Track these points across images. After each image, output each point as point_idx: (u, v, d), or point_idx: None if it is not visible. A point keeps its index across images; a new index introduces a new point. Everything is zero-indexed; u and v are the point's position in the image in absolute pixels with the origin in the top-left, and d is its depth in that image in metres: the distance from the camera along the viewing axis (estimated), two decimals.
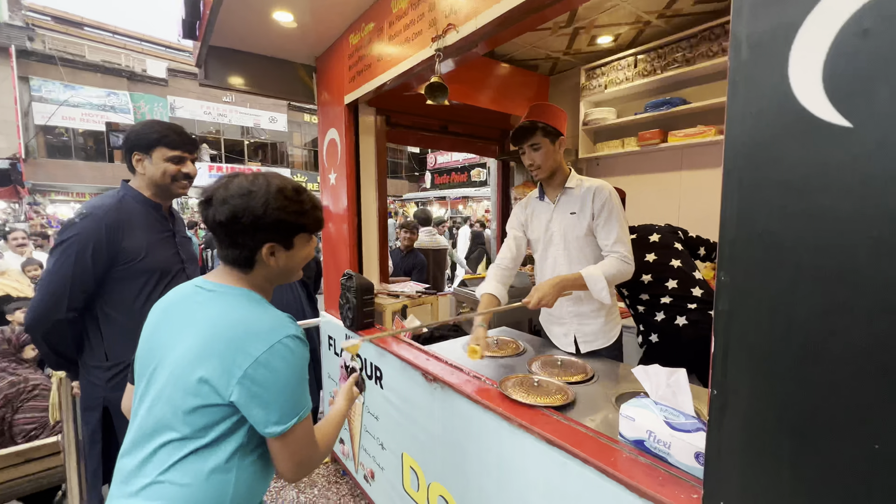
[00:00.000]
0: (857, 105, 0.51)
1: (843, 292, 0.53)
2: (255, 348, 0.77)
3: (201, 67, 2.28)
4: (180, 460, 0.78)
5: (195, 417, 0.78)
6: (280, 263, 0.88)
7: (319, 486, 2.23)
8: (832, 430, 0.55)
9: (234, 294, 0.85)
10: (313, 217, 0.91)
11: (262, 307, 0.85)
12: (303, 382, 0.82)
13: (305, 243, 0.92)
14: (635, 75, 2.49)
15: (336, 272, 2.31)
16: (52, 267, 1.30)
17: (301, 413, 0.81)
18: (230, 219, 0.81)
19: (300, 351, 0.82)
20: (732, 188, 0.63)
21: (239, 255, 0.85)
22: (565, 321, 1.63)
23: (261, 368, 0.76)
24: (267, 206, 0.82)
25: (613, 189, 1.53)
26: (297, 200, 0.87)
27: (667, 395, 0.90)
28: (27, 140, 12.39)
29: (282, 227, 0.85)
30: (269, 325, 0.80)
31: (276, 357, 0.77)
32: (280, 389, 0.78)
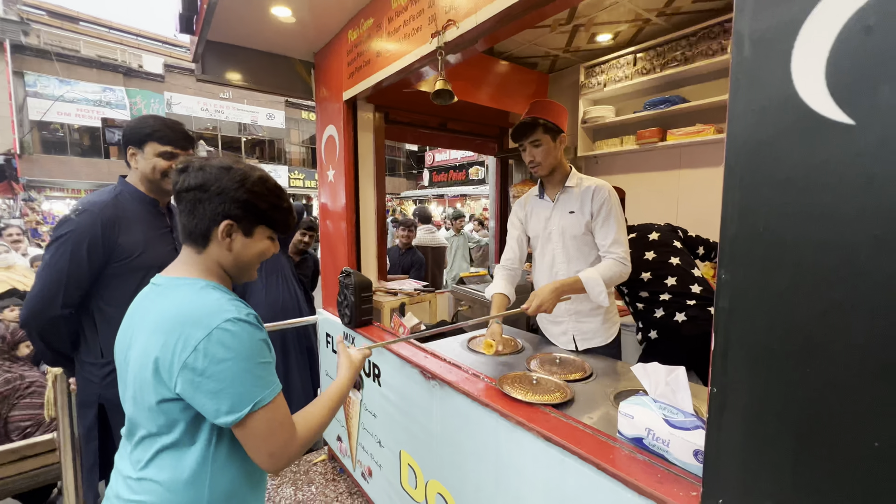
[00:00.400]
0: (860, 102, 0.51)
1: (844, 290, 0.53)
2: (193, 337, 0.74)
3: (198, 63, 2.26)
4: (154, 456, 0.79)
5: (158, 413, 0.77)
6: (234, 248, 0.85)
7: (317, 484, 2.23)
8: (832, 428, 0.55)
9: (181, 284, 0.83)
10: (283, 216, 0.88)
11: (205, 293, 0.80)
12: (255, 367, 0.77)
13: (265, 238, 0.88)
14: (634, 73, 2.48)
15: (334, 270, 2.31)
16: (47, 263, 1.29)
17: (258, 399, 0.76)
18: (199, 185, 0.80)
19: (245, 334, 0.77)
20: (734, 186, 0.62)
21: (195, 227, 0.82)
22: (562, 320, 1.64)
23: (200, 357, 0.73)
24: (242, 183, 0.81)
25: (613, 189, 1.53)
26: (274, 194, 0.86)
27: (666, 392, 0.90)
28: (22, 136, 12.29)
29: (247, 208, 0.83)
30: (208, 311, 0.76)
31: (214, 344, 0.73)
32: (225, 377, 0.74)
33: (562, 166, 1.57)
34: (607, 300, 1.45)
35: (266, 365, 0.80)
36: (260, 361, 0.78)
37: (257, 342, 0.79)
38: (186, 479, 0.78)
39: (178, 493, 0.78)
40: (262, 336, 0.81)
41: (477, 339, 1.73)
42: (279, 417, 0.79)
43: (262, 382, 0.77)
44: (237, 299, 0.84)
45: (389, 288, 2.41)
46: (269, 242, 0.90)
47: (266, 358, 0.80)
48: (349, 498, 2.11)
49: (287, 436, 0.80)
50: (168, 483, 0.78)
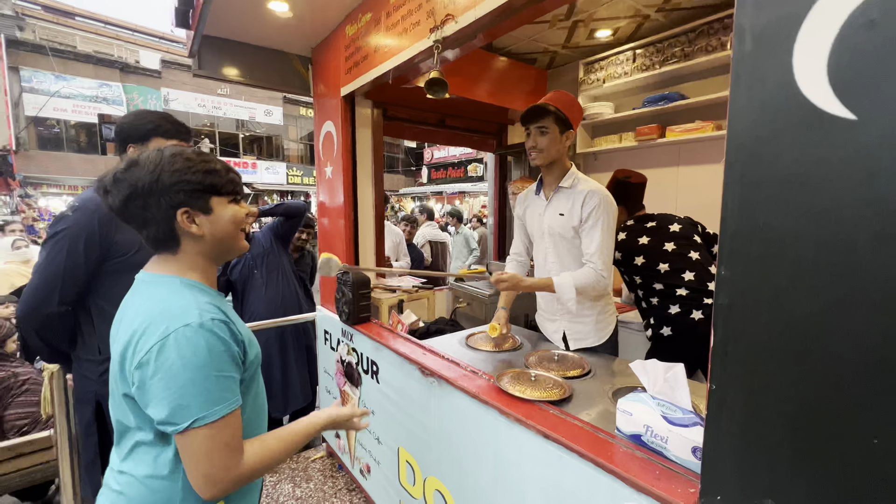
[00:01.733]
0: (863, 97, 0.51)
1: (844, 287, 0.53)
2: (151, 338, 0.72)
3: (195, 58, 2.24)
4: (132, 450, 0.79)
5: (126, 408, 0.78)
6: (206, 231, 0.81)
7: (315, 481, 2.23)
8: (831, 424, 0.55)
9: (158, 282, 0.80)
10: (223, 177, 0.83)
11: (178, 293, 0.78)
12: (206, 380, 0.72)
13: (226, 205, 0.84)
14: (634, 70, 2.47)
15: None
16: (43, 260, 1.29)
17: (200, 416, 0.71)
18: (128, 196, 0.76)
19: (202, 342, 0.72)
20: (734, 182, 0.62)
21: (157, 233, 0.79)
22: (556, 318, 1.64)
23: (152, 359, 0.71)
24: (160, 169, 0.77)
25: (608, 197, 1.46)
26: (199, 161, 0.81)
27: (664, 389, 0.90)
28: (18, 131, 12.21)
29: (187, 189, 0.78)
30: (171, 313, 0.74)
31: (168, 348, 0.71)
32: (170, 385, 0.70)
33: (562, 163, 1.54)
34: (574, 307, 1.46)
35: (222, 379, 0.74)
36: (215, 374, 0.73)
37: (217, 353, 0.74)
38: (161, 476, 0.77)
39: (153, 489, 0.77)
40: (224, 347, 0.76)
41: (476, 335, 1.73)
42: (224, 438, 0.74)
43: (211, 398, 0.72)
44: (214, 303, 0.80)
45: (388, 285, 2.40)
46: (234, 207, 0.85)
47: (225, 371, 0.75)
48: (347, 494, 2.11)
49: (229, 461, 0.74)
50: (143, 479, 0.77)
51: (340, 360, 2.09)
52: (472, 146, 3.39)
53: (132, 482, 0.78)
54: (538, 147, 1.49)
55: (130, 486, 0.78)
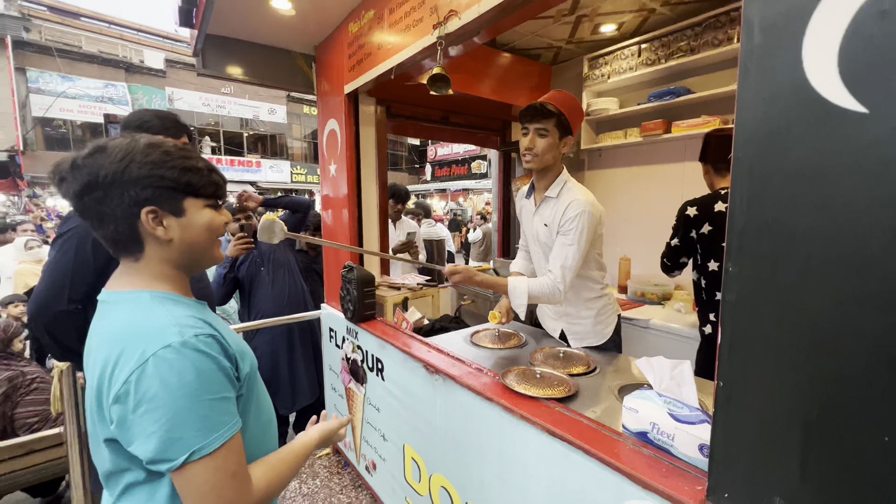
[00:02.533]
0: (874, 90, 0.50)
1: (855, 282, 0.52)
2: (126, 366, 0.61)
3: (198, 57, 2.25)
4: (123, 492, 0.69)
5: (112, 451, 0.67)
6: (174, 235, 0.70)
7: (321, 477, 2.24)
8: (841, 422, 0.54)
9: (121, 300, 0.69)
10: (204, 177, 0.72)
11: (148, 310, 0.67)
12: (198, 406, 0.62)
13: (202, 209, 0.73)
14: (639, 65, 2.45)
15: (337, 264, 2.30)
16: (52, 259, 1.31)
17: (197, 447, 0.61)
18: (85, 185, 0.65)
19: (188, 363, 0.62)
20: (742, 176, 0.61)
21: (116, 232, 0.68)
22: (555, 317, 1.64)
23: (130, 391, 0.60)
24: (129, 159, 0.66)
25: (588, 209, 1.37)
26: (179, 156, 0.70)
27: (671, 386, 0.89)
28: (25, 132, 12.32)
29: (157, 185, 0.67)
30: (145, 334, 0.63)
31: (148, 376, 0.60)
32: (157, 417, 0.60)
33: (555, 170, 1.48)
34: (523, 314, 1.44)
35: (217, 402, 0.64)
36: (208, 399, 0.63)
37: (207, 373, 0.64)
38: None
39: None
40: (215, 365, 0.65)
41: (480, 333, 1.73)
42: (229, 468, 0.64)
43: (207, 424, 0.62)
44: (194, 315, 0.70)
45: (392, 282, 2.41)
46: (211, 213, 0.74)
47: (220, 392, 0.65)
48: (353, 491, 2.12)
49: (238, 491, 0.65)
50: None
51: (346, 358, 2.10)
52: (476, 143, 3.38)
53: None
54: (534, 150, 1.41)
55: None
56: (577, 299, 1.55)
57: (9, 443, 1.82)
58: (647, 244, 2.66)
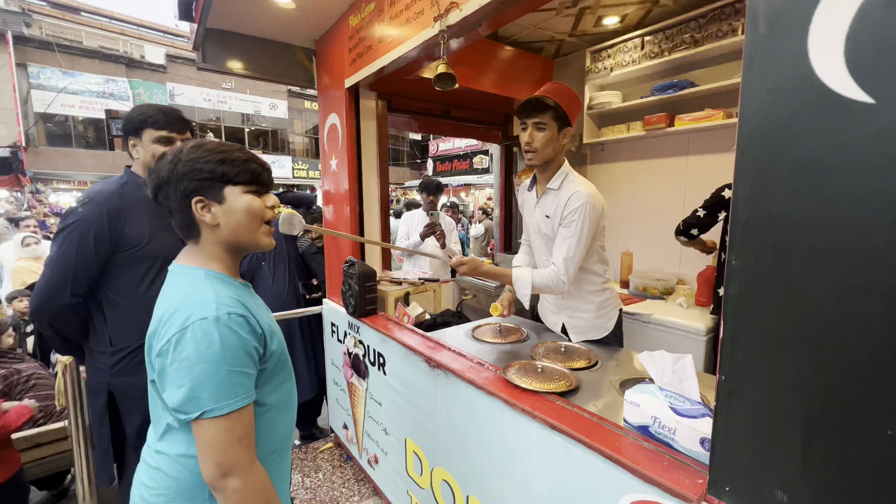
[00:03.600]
0: (881, 80, 0.49)
1: (859, 275, 0.52)
2: (171, 328, 0.75)
3: (199, 51, 2.24)
4: (165, 431, 0.82)
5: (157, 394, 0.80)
6: (220, 221, 0.82)
7: (324, 471, 2.26)
8: (844, 415, 0.54)
9: (184, 273, 0.83)
10: (242, 167, 0.83)
11: (200, 286, 0.80)
12: (218, 373, 0.73)
13: (241, 195, 0.83)
14: (642, 57, 2.43)
15: (338, 259, 2.30)
16: (55, 253, 1.31)
17: (211, 409, 0.72)
18: (156, 186, 0.82)
19: (217, 336, 0.73)
20: (746, 168, 0.61)
21: (180, 222, 0.83)
22: (557, 310, 1.64)
23: (170, 349, 0.74)
24: (177, 160, 0.81)
25: (591, 200, 1.37)
26: (215, 151, 0.82)
27: (672, 380, 0.89)
28: (27, 128, 12.33)
29: (199, 178, 0.80)
30: (192, 305, 0.76)
31: (185, 340, 0.73)
32: (184, 374, 0.72)
33: (556, 162, 1.47)
34: (528, 303, 1.44)
35: (234, 374, 0.75)
36: (227, 369, 0.74)
37: (231, 348, 0.75)
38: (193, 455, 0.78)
39: (187, 466, 0.80)
40: (239, 342, 0.76)
41: (482, 327, 1.73)
42: (236, 433, 0.74)
43: (221, 392, 0.73)
44: (234, 296, 0.81)
45: (394, 277, 2.41)
46: (250, 197, 0.84)
47: (238, 367, 0.75)
48: (356, 484, 2.14)
49: (242, 456, 0.75)
50: (177, 457, 0.80)
51: (347, 353, 2.10)
52: (478, 137, 3.36)
53: (168, 460, 0.81)
54: (534, 145, 1.40)
55: (167, 463, 0.81)
56: (579, 293, 1.55)
57: (14, 437, 1.83)
58: (649, 239, 2.65)
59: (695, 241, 2.01)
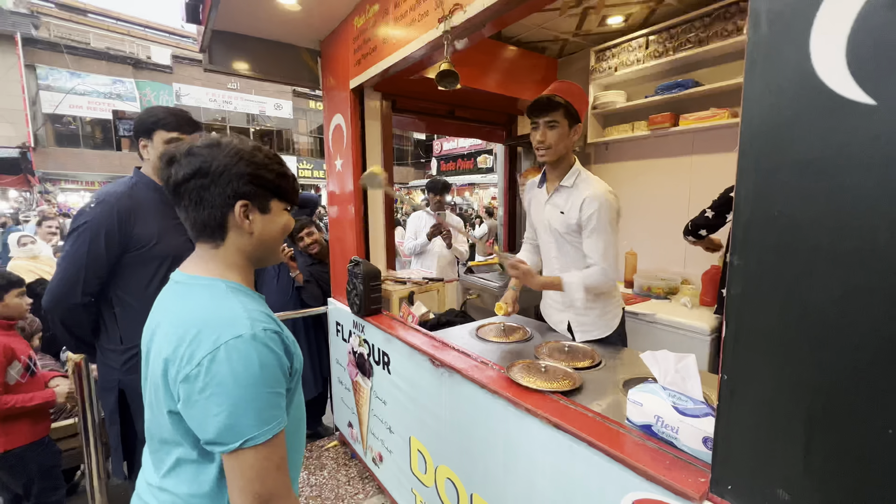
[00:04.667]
0: (882, 81, 0.49)
1: (862, 275, 0.52)
2: (200, 349, 0.65)
3: (205, 52, 2.26)
4: (174, 466, 0.74)
5: (170, 422, 0.71)
6: (256, 229, 0.76)
7: (329, 469, 2.28)
8: (846, 414, 0.54)
9: (200, 285, 0.74)
10: (291, 185, 0.81)
11: (224, 299, 0.72)
12: (258, 397, 0.66)
13: (282, 211, 0.80)
14: (646, 57, 2.42)
15: (343, 259, 2.32)
16: (66, 253, 1.34)
17: (251, 436, 0.65)
18: (196, 171, 0.71)
19: (255, 355, 0.66)
20: (748, 169, 0.61)
21: (208, 218, 0.73)
22: (562, 309, 1.64)
23: (202, 373, 0.64)
24: (240, 156, 0.73)
25: (606, 197, 1.42)
26: (276, 161, 0.79)
27: (675, 380, 0.90)
28: (36, 129, 12.47)
29: (257, 182, 0.74)
30: (221, 322, 0.68)
31: (219, 362, 0.64)
32: (222, 401, 0.64)
33: (567, 158, 1.52)
34: (582, 304, 1.47)
35: (273, 396, 0.68)
36: (266, 391, 0.67)
37: (269, 367, 0.68)
38: (204, 494, 0.72)
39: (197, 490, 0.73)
40: (276, 361, 0.69)
41: (486, 327, 1.74)
42: (275, 460, 0.68)
43: (262, 417, 0.66)
44: (261, 307, 0.76)
45: (398, 277, 2.42)
46: (287, 215, 0.82)
47: (276, 387, 0.69)
48: (360, 482, 2.15)
49: (278, 483, 0.68)
50: (186, 497, 0.73)
51: (352, 352, 2.12)
52: (482, 137, 3.37)
53: (175, 501, 0.73)
54: (547, 143, 1.44)
55: None
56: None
57: None
58: (653, 239, 2.64)
59: (703, 239, 2.03)
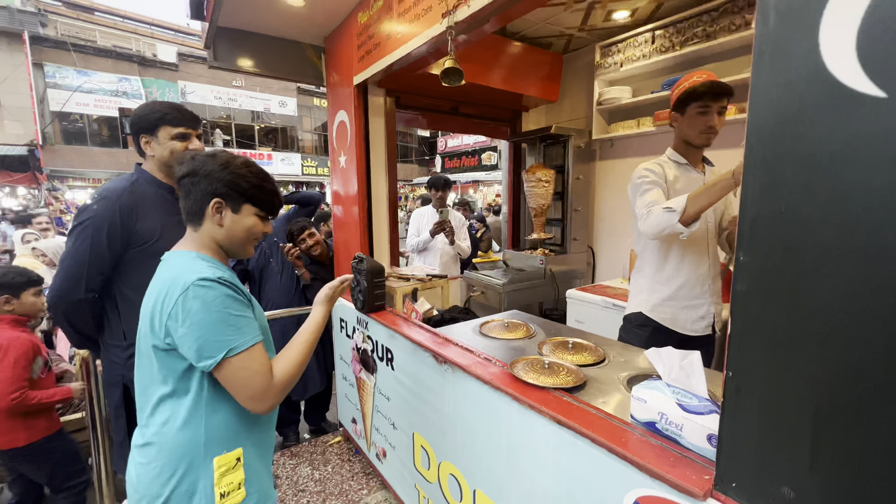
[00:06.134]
0: (894, 73, 0.48)
1: (871, 272, 0.51)
2: (174, 293, 0.86)
3: (210, 49, 2.26)
4: (157, 404, 0.91)
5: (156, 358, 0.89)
6: (225, 224, 0.96)
7: (333, 464, 2.29)
8: (852, 412, 0.54)
9: (178, 255, 0.95)
10: (267, 197, 0.99)
11: (192, 261, 0.92)
12: (227, 318, 0.86)
13: (251, 215, 0.98)
14: (652, 52, 2.40)
15: (347, 255, 2.32)
16: (69, 249, 1.34)
17: (231, 347, 0.85)
18: (190, 171, 0.94)
19: (214, 291, 0.86)
20: (755, 164, 0.60)
21: (191, 207, 0.95)
22: (702, 302, 1.58)
23: (179, 310, 0.85)
24: (226, 166, 0.94)
25: None
26: (257, 176, 0.97)
27: (680, 377, 0.89)
28: (43, 126, 12.58)
29: (233, 187, 0.94)
30: (185, 274, 0.87)
31: (189, 298, 0.84)
32: (199, 326, 0.84)
33: None
34: None
35: (241, 318, 0.89)
36: (234, 314, 0.88)
37: (230, 298, 0.88)
38: (183, 423, 0.89)
39: (178, 435, 0.89)
40: (235, 294, 0.90)
41: (489, 323, 1.73)
42: (254, 366, 0.88)
43: (237, 331, 0.87)
44: (219, 267, 0.94)
45: (402, 273, 2.42)
46: (256, 220, 0.99)
47: (242, 312, 0.90)
48: (364, 478, 2.17)
49: (264, 382, 0.89)
50: (169, 427, 0.89)
51: (356, 348, 2.12)
52: (486, 134, 3.36)
53: (158, 432, 0.90)
54: (717, 129, 1.48)
55: (158, 435, 0.90)
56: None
57: None
58: None
59: None
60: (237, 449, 0.94)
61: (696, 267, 1.56)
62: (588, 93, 2.79)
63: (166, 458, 0.89)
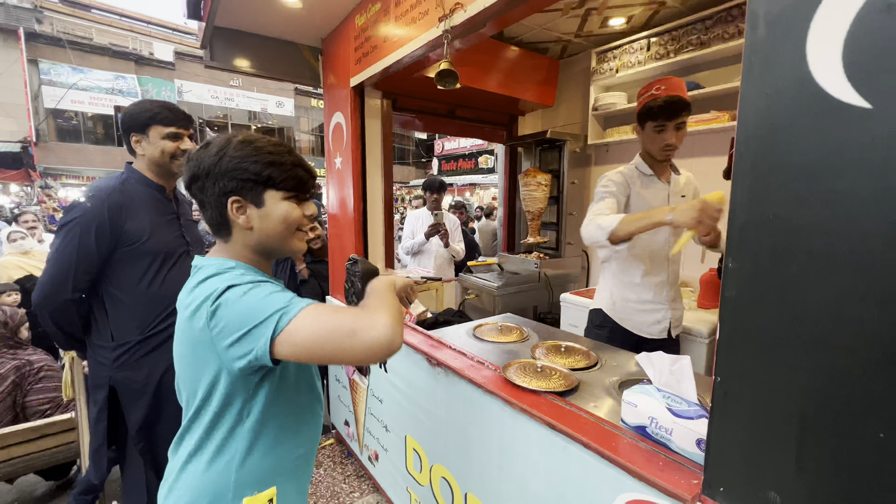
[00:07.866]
0: (878, 85, 0.49)
1: (856, 279, 0.52)
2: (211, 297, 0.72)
3: (206, 49, 2.26)
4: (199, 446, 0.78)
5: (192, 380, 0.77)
6: (255, 225, 0.78)
7: (325, 467, 2.28)
8: (838, 418, 0.54)
9: (212, 262, 0.79)
10: (289, 172, 0.78)
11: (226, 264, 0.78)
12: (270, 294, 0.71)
13: (280, 202, 0.79)
14: (648, 59, 2.42)
15: (341, 257, 2.32)
16: (57, 248, 1.31)
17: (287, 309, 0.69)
18: (192, 176, 0.76)
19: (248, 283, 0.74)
20: (744, 172, 0.61)
21: (211, 217, 0.78)
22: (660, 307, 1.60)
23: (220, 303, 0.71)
24: (223, 153, 0.75)
25: None
26: (265, 151, 0.77)
27: (670, 382, 0.90)
28: (37, 123, 12.48)
29: (241, 178, 0.75)
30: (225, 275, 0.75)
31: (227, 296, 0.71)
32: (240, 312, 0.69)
33: None
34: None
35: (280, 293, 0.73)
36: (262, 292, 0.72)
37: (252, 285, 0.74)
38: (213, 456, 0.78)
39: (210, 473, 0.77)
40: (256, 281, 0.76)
41: (483, 327, 1.74)
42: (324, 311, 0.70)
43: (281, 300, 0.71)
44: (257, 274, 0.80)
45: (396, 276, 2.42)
46: (289, 205, 0.80)
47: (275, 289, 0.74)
48: (356, 480, 2.15)
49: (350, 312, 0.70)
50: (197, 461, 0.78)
51: None
52: (483, 137, 3.37)
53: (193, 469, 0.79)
54: (675, 146, 1.47)
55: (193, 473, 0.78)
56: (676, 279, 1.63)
57: (22, 427, 1.87)
58: None
59: None
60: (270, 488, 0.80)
61: (654, 275, 1.60)
62: (584, 98, 2.81)
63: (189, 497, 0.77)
